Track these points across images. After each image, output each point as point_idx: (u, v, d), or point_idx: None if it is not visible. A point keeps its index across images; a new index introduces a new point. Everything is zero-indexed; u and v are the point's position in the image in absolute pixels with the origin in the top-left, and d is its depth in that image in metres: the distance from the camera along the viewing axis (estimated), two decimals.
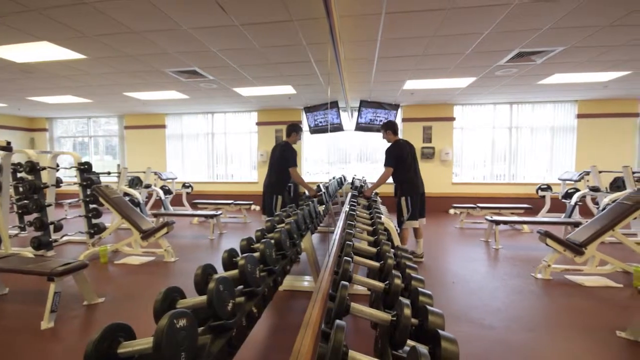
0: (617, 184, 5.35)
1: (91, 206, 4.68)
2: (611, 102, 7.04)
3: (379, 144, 8.22)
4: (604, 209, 3.89)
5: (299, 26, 3.30)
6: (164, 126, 8.78)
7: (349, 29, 3.38)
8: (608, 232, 3.21)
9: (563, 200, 5.98)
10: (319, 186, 4.13)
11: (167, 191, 7.04)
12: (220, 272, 1.35)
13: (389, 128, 4.00)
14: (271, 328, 2.40)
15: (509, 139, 7.65)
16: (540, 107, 7.45)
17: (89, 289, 2.78)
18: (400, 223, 4.01)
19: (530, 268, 3.59)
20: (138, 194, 5.83)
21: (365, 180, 6.11)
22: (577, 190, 5.78)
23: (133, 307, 2.75)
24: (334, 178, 5.82)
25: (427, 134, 7.76)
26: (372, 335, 1.25)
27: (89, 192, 4.62)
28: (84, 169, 4.71)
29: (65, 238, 4.76)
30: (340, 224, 2.45)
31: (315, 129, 7.80)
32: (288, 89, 6.06)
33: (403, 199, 3.95)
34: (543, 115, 7.45)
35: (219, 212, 5.56)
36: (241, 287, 1.18)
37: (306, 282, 3.21)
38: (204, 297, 0.94)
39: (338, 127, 7.55)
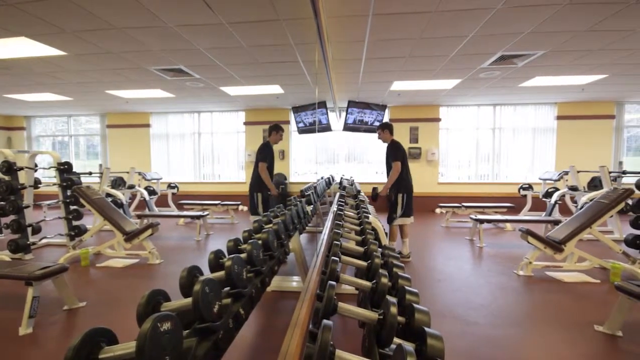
0: (595, 184, 5.56)
1: (71, 207, 4.53)
2: (589, 105, 7.32)
3: (367, 144, 8.29)
4: (582, 207, 4.04)
5: (287, 26, 3.29)
6: (148, 125, 8.58)
7: (337, 29, 3.40)
8: (586, 229, 3.34)
9: (544, 199, 6.17)
10: (281, 187, 4.20)
11: (151, 192, 6.89)
12: (207, 274, 1.33)
13: (387, 128, 4.15)
14: (259, 329, 2.39)
15: (493, 139, 7.85)
16: (521, 109, 7.67)
17: (69, 293, 2.69)
18: (391, 220, 4.06)
19: (513, 265, 3.69)
20: (121, 195, 5.68)
21: (353, 180, 6.15)
22: (557, 189, 5.98)
23: (115, 311, 2.68)
24: (322, 178, 5.83)
25: (414, 135, 7.87)
26: (360, 335, 1.26)
27: (69, 193, 4.47)
28: (64, 169, 4.55)
29: (44, 241, 4.60)
30: (328, 224, 2.46)
31: (304, 129, 7.79)
32: (276, 89, 6.03)
33: (400, 195, 4.01)
34: (524, 116, 7.67)
35: (206, 213, 5.48)
36: (228, 288, 1.17)
37: (295, 282, 3.21)
38: (189, 300, 0.92)
39: (326, 128, 7.56)
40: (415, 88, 6.01)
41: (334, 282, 1.06)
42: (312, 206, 3.81)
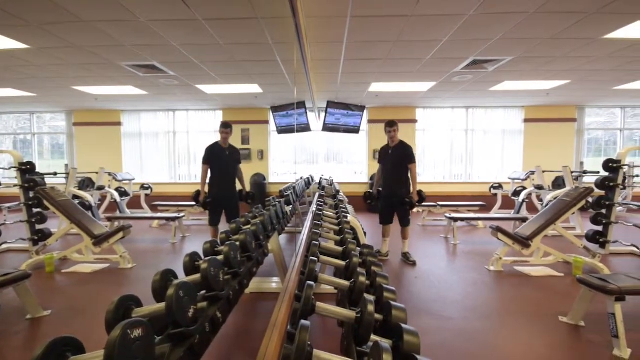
0: (558, 183, 5.92)
1: (34, 210, 4.25)
2: (553, 109, 7.77)
3: (346, 144, 8.36)
4: (546, 205, 4.28)
5: (265, 24, 3.26)
6: (119, 123, 8.22)
7: (316, 29, 3.40)
8: (550, 226, 3.54)
9: (512, 198, 6.48)
10: (198, 191, 3.96)
11: (123, 193, 6.59)
12: (182, 277, 1.29)
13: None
14: (238, 332, 2.35)
15: (465, 140, 8.15)
16: (492, 112, 8.02)
17: (32, 302, 2.53)
18: (408, 222, 4.00)
19: (485, 261, 3.85)
20: (89, 197, 5.41)
21: (332, 180, 6.18)
22: (525, 188, 6.30)
23: (83, 319, 2.55)
24: (301, 178, 5.82)
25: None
26: (340, 334, 1.26)
27: (31, 195, 4.19)
28: (26, 169, 4.27)
29: (4, 246, 4.29)
30: (307, 224, 2.46)
31: (283, 129, 7.75)
32: (254, 88, 5.95)
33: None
34: (495, 119, 8.04)
35: (182, 215, 5.32)
36: (204, 292, 1.14)
37: (274, 283, 3.18)
38: (162, 305, 0.89)
39: (305, 128, 7.56)
40: (393, 90, 6.14)
41: (312, 282, 1.07)
42: (291, 206, 3.80)
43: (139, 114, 8.28)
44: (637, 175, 4.78)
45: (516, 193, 6.35)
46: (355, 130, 7.68)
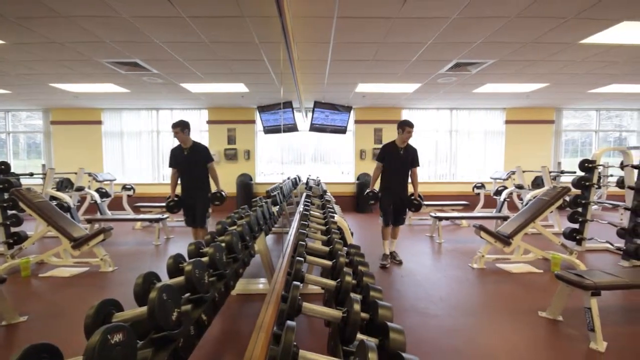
0: (537, 182, 6.11)
1: (9, 212, 4.07)
2: (533, 111, 8.03)
3: (332, 144, 8.38)
4: (526, 204, 4.41)
5: (251, 23, 3.23)
6: (99, 122, 7.97)
7: (303, 29, 3.40)
8: (530, 224, 3.65)
9: (494, 197, 6.66)
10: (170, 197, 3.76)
11: (104, 194, 6.40)
12: (166, 280, 1.27)
13: None
14: (224, 334, 2.32)
15: (450, 141, 8.32)
16: (475, 113, 8.21)
17: (7, 307, 2.42)
18: (403, 221, 4.01)
19: (468, 259, 3.94)
20: (68, 198, 5.22)
21: (319, 180, 6.19)
22: (506, 187, 6.48)
23: (61, 325, 2.46)
24: (288, 178, 5.80)
25: (378, 136, 8.10)
26: (327, 334, 1.27)
27: (6, 196, 4.01)
28: (0, 169, 4.08)
29: None
30: (294, 224, 2.45)
31: (269, 129, 7.70)
32: (240, 87, 5.89)
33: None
34: (478, 120, 8.23)
35: (165, 216, 5.20)
36: (188, 294, 1.12)
37: (261, 284, 3.16)
38: (144, 308, 0.87)
39: (292, 128, 7.54)
40: (379, 91, 6.19)
41: (298, 283, 1.06)
42: (278, 207, 3.78)
43: (120, 112, 8.06)
44: (612, 175, 4.99)
45: (498, 192, 6.53)
46: (342, 130, 7.71)
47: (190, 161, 3.72)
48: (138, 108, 7.99)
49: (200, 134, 8.18)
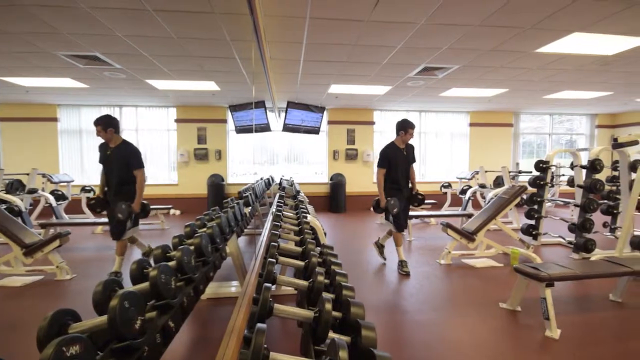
0: (498, 182, 6.50)
1: None
2: (494, 114, 8.53)
3: (306, 145, 8.38)
4: (488, 202, 4.67)
5: (222, 20, 3.15)
6: (55, 119, 7.41)
7: (275, 29, 3.37)
8: (492, 221, 3.87)
9: (460, 196, 6.99)
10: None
11: (60, 196, 5.95)
12: (129, 287, 1.20)
13: None
14: (194, 340, 2.24)
15: (419, 142, 8.61)
16: (442, 116, 8.58)
17: None
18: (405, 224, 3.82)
19: (436, 255, 4.10)
20: (19, 201, 4.80)
21: (293, 180, 6.16)
22: (470, 187, 6.83)
23: (12, 338, 2.26)
24: (261, 179, 5.72)
25: (351, 137, 8.22)
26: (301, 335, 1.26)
27: None
28: None
29: None
30: (267, 225, 2.42)
31: (241, 129, 7.56)
32: (211, 85, 5.73)
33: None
34: (444, 122, 8.61)
35: None
36: (154, 301, 1.07)
37: (233, 287, 3.09)
38: (104, 317, 0.82)
39: (265, 128, 7.44)
40: (352, 92, 6.28)
41: (269, 284, 1.05)
42: (250, 208, 3.71)
43: (79, 108, 7.54)
44: (563, 175, 5.42)
45: (463, 191, 6.86)
46: (315, 130, 7.74)
47: (112, 162, 3.28)
48: (99, 105, 7.53)
49: (168, 133, 7.85)
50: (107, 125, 3.24)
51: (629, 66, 4.56)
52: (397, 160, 3.63)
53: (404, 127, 3.60)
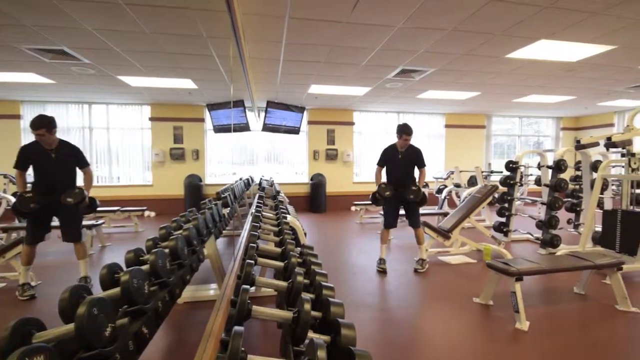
0: (472, 181, 6.74)
1: None
2: (468, 116, 8.85)
3: (286, 145, 8.34)
4: (463, 201, 4.84)
5: (198, 16, 3.07)
6: (18, 117, 6.95)
7: (254, 27, 3.32)
8: (466, 219, 4.01)
9: (436, 195, 7.20)
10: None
11: None
12: (99, 293, 1.15)
13: None
14: (171, 346, 2.17)
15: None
16: (419, 117, 8.80)
17: None
18: (418, 222, 3.83)
19: (414, 253, 4.19)
20: None
21: (273, 181, 6.11)
22: (446, 186, 7.05)
23: None
24: (240, 179, 5.63)
25: (331, 137, 8.26)
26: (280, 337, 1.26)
27: None
28: None
29: None
30: (246, 226, 2.39)
31: (220, 128, 7.41)
32: (188, 83, 5.57)
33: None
34: (421, 124, 8.83)
35: (101, 222, 4.71)
36: (126, 307, 1.03)
37: (212, 290, 3.02)
38: (71, 326, 0.78)
39: (244, 127, 7.33)
40: (332, 93, 6.31)
41: (247, 286, 1.04)
42: (229, 208, 3.65)
43: (44, 105, 7.11)
44: (531, 175, 5.71)
45: (439, 191, 7.07)
46: (295, 130, 7.71)
47: (57, 163, 3.05)
48: (66, 101, 7.14)
49: (141, 131, 7.57)
50: (52, 125, 2.94)
51: (591, 72, 4.88)
52: (392, 161, 3.79)
53: (398, 132, 3.71)
